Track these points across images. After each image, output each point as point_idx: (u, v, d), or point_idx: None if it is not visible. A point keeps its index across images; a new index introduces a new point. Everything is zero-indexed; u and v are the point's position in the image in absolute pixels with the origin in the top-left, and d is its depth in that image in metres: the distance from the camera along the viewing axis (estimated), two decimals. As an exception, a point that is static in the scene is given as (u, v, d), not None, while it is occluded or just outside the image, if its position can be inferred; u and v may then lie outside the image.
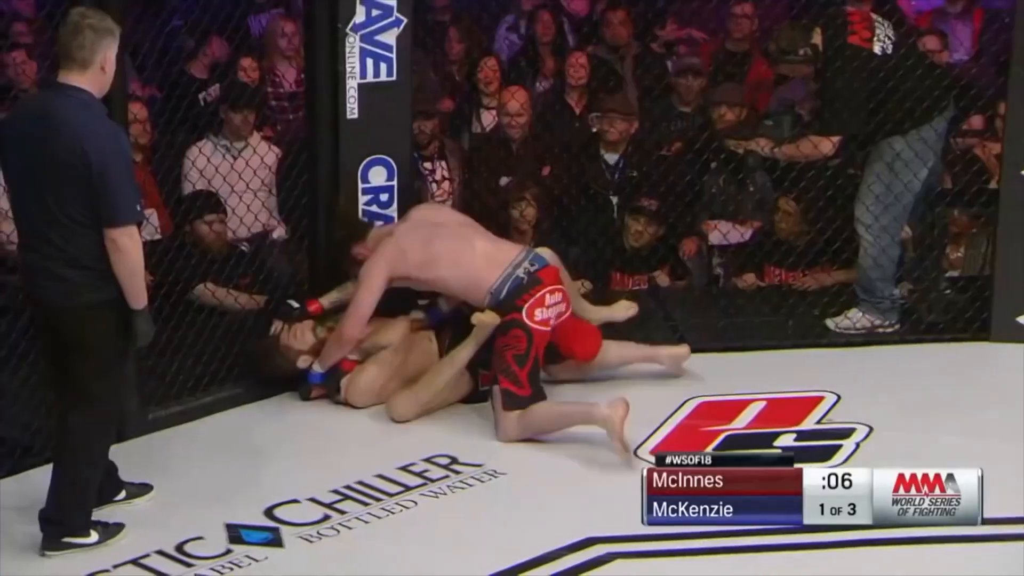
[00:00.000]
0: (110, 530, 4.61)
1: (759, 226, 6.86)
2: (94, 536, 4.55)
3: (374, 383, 5.59)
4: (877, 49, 5.89)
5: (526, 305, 5.39)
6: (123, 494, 4.82)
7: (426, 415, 5.50)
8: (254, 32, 7.87)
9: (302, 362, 5.63)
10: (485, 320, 5.42)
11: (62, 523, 4.51)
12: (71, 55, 4.30)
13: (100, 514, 4.64)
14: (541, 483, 5.02)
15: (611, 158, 7.02)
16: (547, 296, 5.43)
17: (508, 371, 5.35)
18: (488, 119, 7.39)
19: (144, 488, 4.88)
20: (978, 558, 4.49)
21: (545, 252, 5.67)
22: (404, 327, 5.68)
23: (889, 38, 5.92)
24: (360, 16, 5.65)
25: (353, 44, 5.66)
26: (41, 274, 4.38)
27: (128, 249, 4.30)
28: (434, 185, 6.93)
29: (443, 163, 6.99)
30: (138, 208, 4.34)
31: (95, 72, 4.32)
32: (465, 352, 5.50)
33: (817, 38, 5.92)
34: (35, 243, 4.37)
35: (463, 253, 5.52)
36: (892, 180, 5.97)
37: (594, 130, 7.16)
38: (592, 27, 8.01)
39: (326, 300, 5.74)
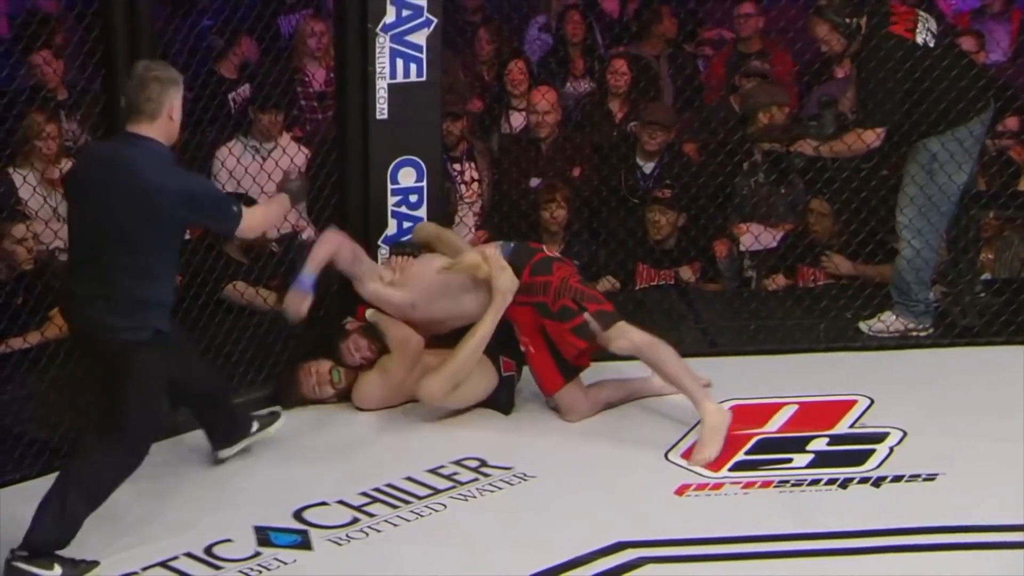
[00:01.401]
0: (80, 568, 4.36)
1: (790, 228, 6.81)
2: (57, 570, 4.31)
3: (376, 390, 5.53)
4: (919, 40, 5.83)
5: (543, 247, 5.56)
6: (256, 425, 5.09)
7: (456, 402, 5.42)
8: (284, 32, 7.87)
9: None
10: (471, 261, 5.37)
11: (31, 543, 4.30)
12: (139, 108, 4.39)
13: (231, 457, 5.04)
14: (571, 486, 4.99)
15: (647, 167, 6.99)
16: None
17: (585, 295, 5.33)
18: (517, 120, 7.37)
19: (273, 416, 5.16)
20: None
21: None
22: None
23: (931, 32, 5.85)
24: (390, 16, 5.63)
25: (383, 44, 5.64)
26: (86, 306, 4.39)
27: (254, 227, 4.64)
28: (463, 186, 6.91)
29: (471, 164, 6.98)
30: (234, 209, 4.49)
31: (163, 121, 4.41)
32: (485, 325, 5.34)
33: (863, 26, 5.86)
34: (86, 279, 4.39)
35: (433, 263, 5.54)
36: (927, 182, 5.90)
37: (630, 130, 7.13)
38: (623, 27, 7.98)
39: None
